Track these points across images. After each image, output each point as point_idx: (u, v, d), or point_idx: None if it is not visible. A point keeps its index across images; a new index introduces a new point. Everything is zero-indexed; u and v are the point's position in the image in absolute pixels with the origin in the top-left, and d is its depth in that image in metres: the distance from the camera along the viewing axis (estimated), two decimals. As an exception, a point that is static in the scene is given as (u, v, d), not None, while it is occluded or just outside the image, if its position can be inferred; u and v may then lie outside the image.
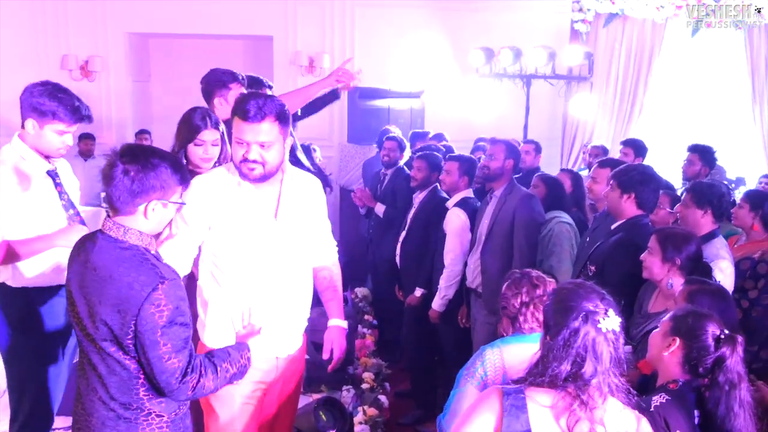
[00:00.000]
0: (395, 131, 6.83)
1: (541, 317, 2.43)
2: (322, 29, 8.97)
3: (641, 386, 2.57)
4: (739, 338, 2.22)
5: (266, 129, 2.49)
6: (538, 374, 1.89)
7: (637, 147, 5.76)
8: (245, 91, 3.81)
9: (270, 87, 4.50)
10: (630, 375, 2.79)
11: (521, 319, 2.55)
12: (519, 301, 2.55)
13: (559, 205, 4.44)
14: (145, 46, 9.61)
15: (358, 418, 4.11)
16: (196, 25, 8.74)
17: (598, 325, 1.85)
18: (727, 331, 2.23)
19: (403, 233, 5.05)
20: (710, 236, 3.48)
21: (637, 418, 1.92)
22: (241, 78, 3.77)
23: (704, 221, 3.51)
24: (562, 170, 5.34)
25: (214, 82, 3.73)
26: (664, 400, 2.21)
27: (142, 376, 2.13)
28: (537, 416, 1.86)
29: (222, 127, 3.17)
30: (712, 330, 2.22)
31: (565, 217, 4.31)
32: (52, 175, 2.97)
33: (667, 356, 2.29)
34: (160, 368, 2.06)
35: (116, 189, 2.08)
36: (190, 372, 2.11)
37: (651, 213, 3.57)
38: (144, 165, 2.08)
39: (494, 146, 4.35)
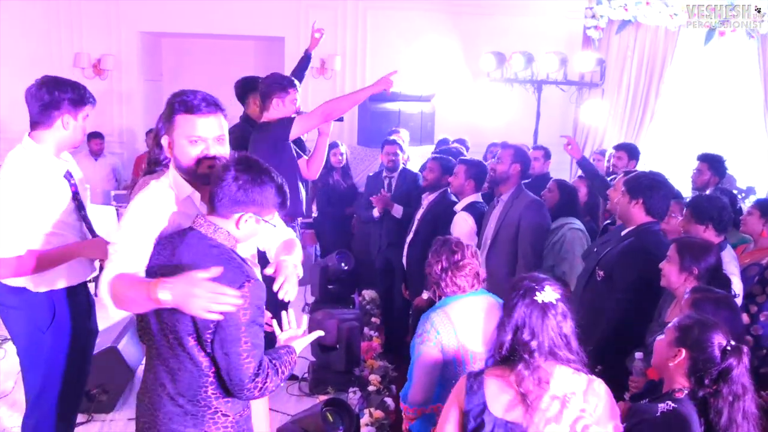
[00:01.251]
0: (404, 134, 6.82)
1: (460, 282, 2.77)
2: (334, 31, 8.98)
3: (649, 390, 2.57)
4: (745, 349, 2.21)
5: (220, 122, 2.31)
6: (496, 349, 2.12)
7: (630, 150, 5.84)
8: (299, 98, 4.03)
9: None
10: (638, 381, 2.79)
11: (443, 284, 2.79)
12: (440, 267, 2.79)
13: (571, 211, 4.43)
14: (158, 46, 9.65)
15: (365, 420, 4.11)
16: (208, 25, 8.78)
17: (534, 297, 2.08)
18: (733, 342, 2.21)
19: (411, 234, 5.04)
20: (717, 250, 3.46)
21: (588, 380, 2.06)
22: (298, 86, 4.02)
23: (707, 236, 3.50)
24: (579, 177, 5.33)
25: (274, 84, 3.98)
26: (670, 408, 2.20)
27: (211, 374, 2.14)
28: (492, 389, 2.08)
29: None
30: (719, 341, 2.21)
31: (577, 224, 4.30)
32: (68, 177, 2.93)
33: (673, 366, 2.28)
34: (237, 365, 2.07)
35: (221, 190, 2.11)
36: (261, 373, 2.11)
37: (661, 220, 3.56)
38: (254, 178, 2.11)
39: (503, 150, 4.36)
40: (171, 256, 2.13)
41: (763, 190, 6.97)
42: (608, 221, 4.42)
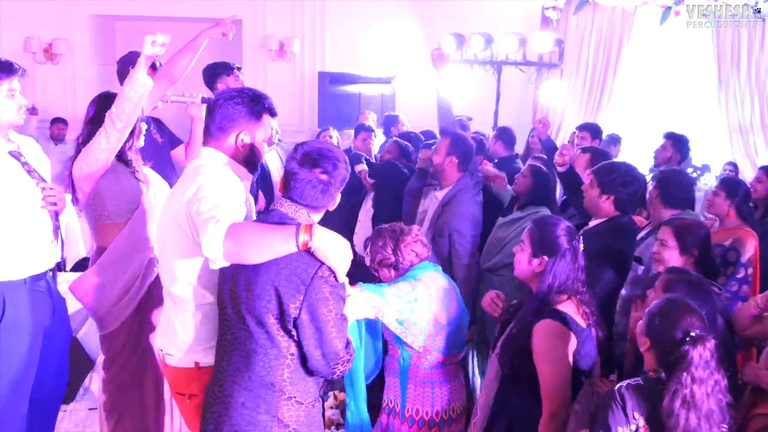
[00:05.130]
0: (371, 117, 6.78)
1: (415, 248, 2.90)
2: (293, 13, 8.89)
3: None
4: (708, 339, 2.06)
5: None
6: (555, 290, 2.49)
7: (593, 130, 5.80)
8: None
9: (239, 69, 4.50)
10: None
11: (401, 260, 2.89)
12: (390, 249, 2.89)
13: (544, 200, 4.24)
14: (111, 29, 9.43)
15: (329, 402, 4.13)
16: (163, 7, 8.59)
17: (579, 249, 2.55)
18: (696, 332, 2.08)
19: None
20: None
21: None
22: (158, 66, 3.80)
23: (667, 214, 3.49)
24: (533, 158, 5.30)
25: (131, 62, 3.72)
26: (633, 383, 2.14)
27: (289, 356, 2.14)
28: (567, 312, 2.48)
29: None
30: (683, 328, 2.11)
31: (545, 212, 4.19)
32: (15, 155, 2.87)
33: (644, 353, 2.24)
34: (329, 338, 2.10)
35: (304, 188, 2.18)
36: (349, 344, 2.18)
37: (627, 215, 3.45)
38: (333, 167, 2.19)
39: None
40: None
41: (718, 167, 7.12)
42: (565, 197, 4.34)
